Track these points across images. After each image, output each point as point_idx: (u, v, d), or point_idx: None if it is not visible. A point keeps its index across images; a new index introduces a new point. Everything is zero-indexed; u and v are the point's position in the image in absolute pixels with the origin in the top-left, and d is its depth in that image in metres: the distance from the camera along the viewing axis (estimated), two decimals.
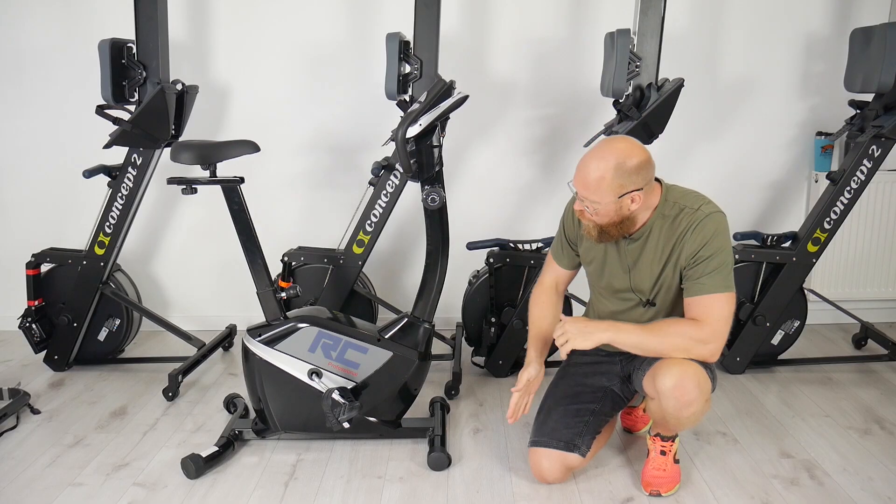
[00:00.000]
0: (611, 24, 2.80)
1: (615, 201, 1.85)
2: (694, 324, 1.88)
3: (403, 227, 3.35)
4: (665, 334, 1.89)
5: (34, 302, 2.83)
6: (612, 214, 1.89)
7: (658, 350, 1.90)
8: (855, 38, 2.71)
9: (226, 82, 3.25)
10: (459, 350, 2.87)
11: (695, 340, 1.87)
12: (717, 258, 1.87)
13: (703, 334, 1.87)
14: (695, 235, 1.88)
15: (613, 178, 1.82)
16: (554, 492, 2.02)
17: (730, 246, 1.92)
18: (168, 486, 2.06)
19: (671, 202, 1.94)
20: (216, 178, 2.06)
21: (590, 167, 1.85)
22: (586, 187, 1.86)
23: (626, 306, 2.06)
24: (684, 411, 1.87)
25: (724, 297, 1.88)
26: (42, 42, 3.18)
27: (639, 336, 1.90)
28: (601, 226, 1.93)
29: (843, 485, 2.05)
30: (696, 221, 1.89)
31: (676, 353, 1.88)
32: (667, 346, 1.88)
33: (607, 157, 1.84)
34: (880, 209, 3.27)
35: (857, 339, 3.16)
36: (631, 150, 1.85)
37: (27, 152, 3.29)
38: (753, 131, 3.31)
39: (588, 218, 1.93)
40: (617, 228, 1.92)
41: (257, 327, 2.19)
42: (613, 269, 2.05)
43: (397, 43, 2.57)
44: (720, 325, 1.88)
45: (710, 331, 1.87)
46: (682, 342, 1.87)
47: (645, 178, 1.86)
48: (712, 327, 1.87)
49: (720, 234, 1.89)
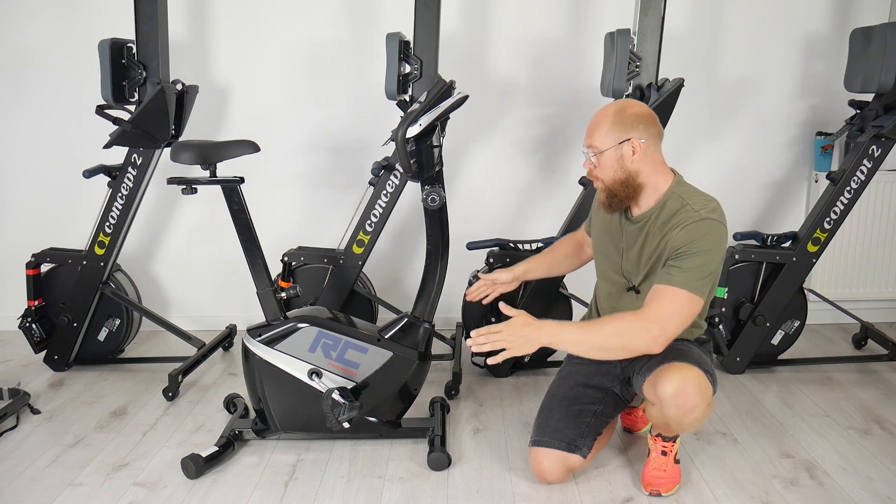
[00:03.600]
0: (611, 24, 2.80)
1: (616, 147, 1.91)
2: (638, 315, 1.84)
3: (403, 227, 3.35)
4: (604, 330, 1.85)
5: (34, 302, 2.83)
6: (614, 167, 1.92)
7: (599, 346, 1.85)
8: (855, 38, 2.71)
9: (226, 82, 3.25)
10: (459, 350, 2.86)
11: (637, 331, 1.81)
12: (698, 258, 1.83)
13: (647, 324, 1.81)
14: (684, 232, 1.86)
15: (613, 122, 1.92)
16: (554, 492, 2.02)
17: (717, 256, 1.86)
18: (168, 486, 2.06)
19: (677, 195, 1.93)
20: (216, 178, 2.06)
21: (594, 117, 1.98)
22: (589, 134, 1.96)
23: (617, 290, 2.08)
24: (686, 417, 1.86)
25: (685, 296, 1.81)
26: (42, 42, 3.18)
27: (578, 334, 1.86)
28: (608, 186, 1.95)
29: (843, 485, 2.05)
30: (691, 221, 1.86)
31: (617, 345, 1.83)
32: (607, 341, 1.84)
33: (610, 106, 1.98)
34: (880, 209, 3.27)
35: (857, 339, 3.16)
36: (632, 102, 1.99)
37: (27, 152, 3.29)
38: (753, 131, 3.31)
39: (595, 176, 1.98)
40: (623, 189, 1.94)
41: (257, 327, 2.18)
42: (610, 248, 2.09)
43: (397, 43, 2.57)
44: (669, 320, 1.81)
45: (656, 321, 1.80)
46: (623, 335, 1.82)
47: (646, 130, 1.92)
48: (660, 319, 1.80)
49: (710, 239, 1.85)
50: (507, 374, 2.86)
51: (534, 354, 2.80)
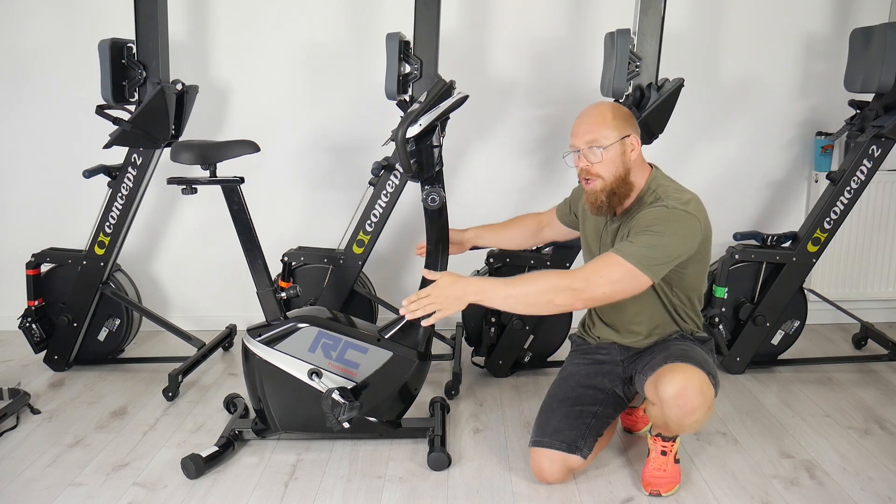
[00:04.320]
0: (611, 24, 2.80)
1: (619, 142, 1.92)
2: (569, 273, 1.87)
3: (403, 227, 3.35)
4: (531, 287, 1.86)
5: (34, 302, 2.83)
6: (617, 162, 1.93)
7: (526, 302, 1.86)
8: (855, 38, 2.71)
9: (226, 82, 3.25)
10: (459, 350, 2.86)
11: (563, 289, 1.81)
12: (652, 238, 1.83)
13: (573, 281, 1.82)
14: (646, 213, 1.89)
15: (613, 117, 1.94)
16: (554, 492, 2.01)
17: (675, 242, 1.85)
18: (168, 486, 2.06)
19: (652, 190, 1.98)
20: (216, 178, 2.06)
21: (589, 113, 1.98)
22: (591, 127, 1.94)
23: None
24: (687, 419, 1.87)
25: (627, 268, 1.80)
26: (42, 42, 3.18)
27: (505, 289, 1.86)
28: (609, 184, 1.94)
29: (843, 485, 2.05)
30: (656, 206, 1.90)
31: (543, 301, 1.83)
32: (532, 297, 1.84)
33: (600, 104, 2.00)
34: (880, 209, 3.27)
35: (857, 339, 3.16)
36: (616, 104, 2.04)
37: (27, 152, 3.29)
38: (753, 131, 3.31)
39: (595, 174, 1.95)
40: (622, 186, 1.95)
41: (257, 327, 2.18)
42: (594, 246, 2.11)
43: (397, 43, 2.57)
44: (598, 284, 1.81)
45: (583, 279, 1.82)
46: (549, 292, 1.82)
47: (635, 127, 1.97)
48: (588, 279, 1.81)
49: (670, 224, 1.85)
50: (507, 374, 2.86)
51: (534, 354, 2.84)
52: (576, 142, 1.98)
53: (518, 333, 2.77)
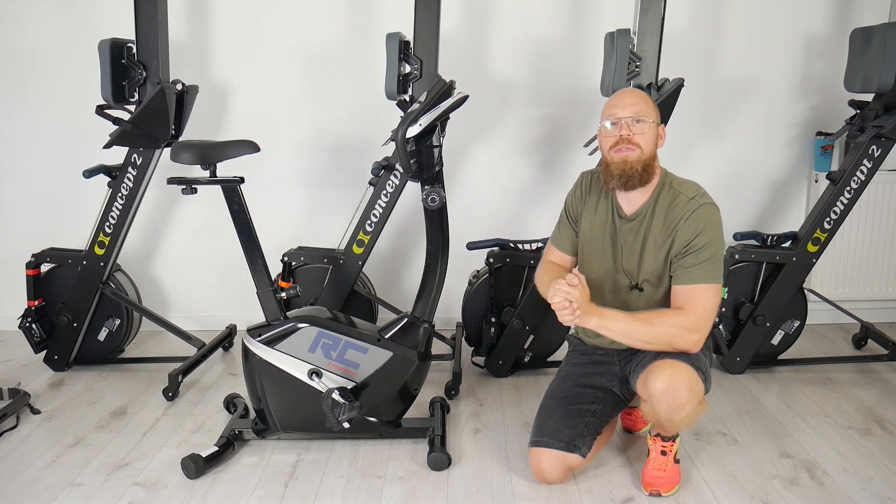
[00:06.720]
0: (611, 24, 2.80)
1: (657, 124, 1.99)
2: (680, 313, 1.93)
3: (403, 227, 3.35)
4: (653, 323, 1.93)
5: (34, 302, 2.83)
6: (652, 143, 1.97)
7: (645, 338, 1.93)
8: (855, 38, 2.71)
9: (226, 82, 3.25)
10: (459, 350, 2.86)
11: (681, 329, 1.91)
12: (709, 249, 1.92)
13: (688, 323, 1.91)
14: (689, 224, 1.94)
15: (653, 103, 2.01)
16: (554, 492, 2.02)
17: (721, 238, 1.96)
18: (168, 486, 2.06)
19: (668, 186, 2.01)
20: (216, 178, 2.06)
21: (631, 91, 2.04)
22: (637, 100, 1.98)
23: (615, 289, 2.08)
24: (676, 414, 1.87)
25: (711, 289, 1.92)
26: (42, 42, 3.18)
27: (626, 324, 1.93)
28: (645, 157, 1.95)
29: (843, 485, 2.05)
30: (691, 210, 1.94)
31: (663, 341, 1.92)
32: (655, 334, 1.92)
33: (637, 90, 2.06)
34: (880, 209, 3.27)
35: (857, 339, 3.16)
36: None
37: (27, 152, 3.29)
38: (753, 131, 3.31)
39: (636, 143, 1.95)
40: (650, 166, 1.97)
41: (257, 327, 2.18)
42: (607, 248, 2.08)
43: (397, 43, 2.57)
44: (706, 316, 1.92)
45: (696, 320, 1.91)
46: (669, 331, 1.91)
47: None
48: (698, 317, 1.92)
49: (713, 225, 1.94)
50: (507, 374, 2.86)
51: (534, 354, 2.85)
52: (620, 112, 1.97)
53: (518, 333, 2.77)
